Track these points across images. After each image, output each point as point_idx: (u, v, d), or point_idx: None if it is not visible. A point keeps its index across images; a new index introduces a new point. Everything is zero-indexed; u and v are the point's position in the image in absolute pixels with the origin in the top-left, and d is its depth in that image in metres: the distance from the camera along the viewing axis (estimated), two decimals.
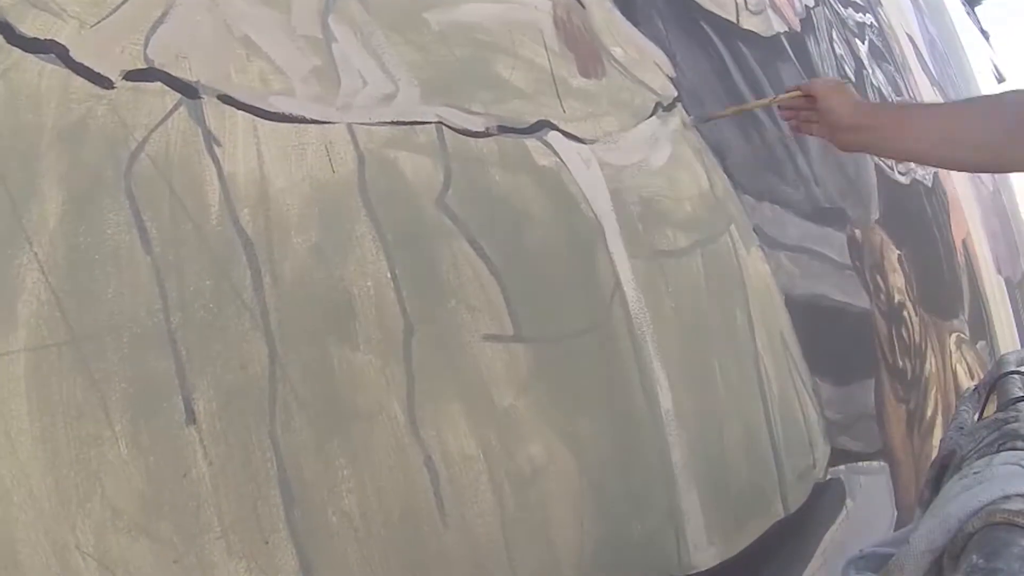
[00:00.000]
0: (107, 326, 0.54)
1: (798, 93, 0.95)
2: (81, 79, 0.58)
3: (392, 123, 0.74)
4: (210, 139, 0.63)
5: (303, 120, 0.68)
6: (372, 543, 0.62)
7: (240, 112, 0.66)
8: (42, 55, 0.56)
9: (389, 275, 0.67)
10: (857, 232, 1.45)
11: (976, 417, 0.81)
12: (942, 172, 2.13)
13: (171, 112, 0.62)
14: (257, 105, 0.66)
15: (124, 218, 0.57)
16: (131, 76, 0.61)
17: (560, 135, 0.89)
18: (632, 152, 0.98)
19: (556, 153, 0.88)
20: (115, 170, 0.57)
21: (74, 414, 0.51)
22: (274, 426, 0.59)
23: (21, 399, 0.50)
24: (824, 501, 1.08)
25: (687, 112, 1.11)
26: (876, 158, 1.72)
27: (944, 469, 0.69)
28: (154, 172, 0.59)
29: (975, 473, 0.54)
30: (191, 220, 0.60)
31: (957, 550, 0.49)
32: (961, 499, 0.51)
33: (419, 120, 0.76)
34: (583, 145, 0.91)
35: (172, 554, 0.53)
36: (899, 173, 1.83)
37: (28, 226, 0.53)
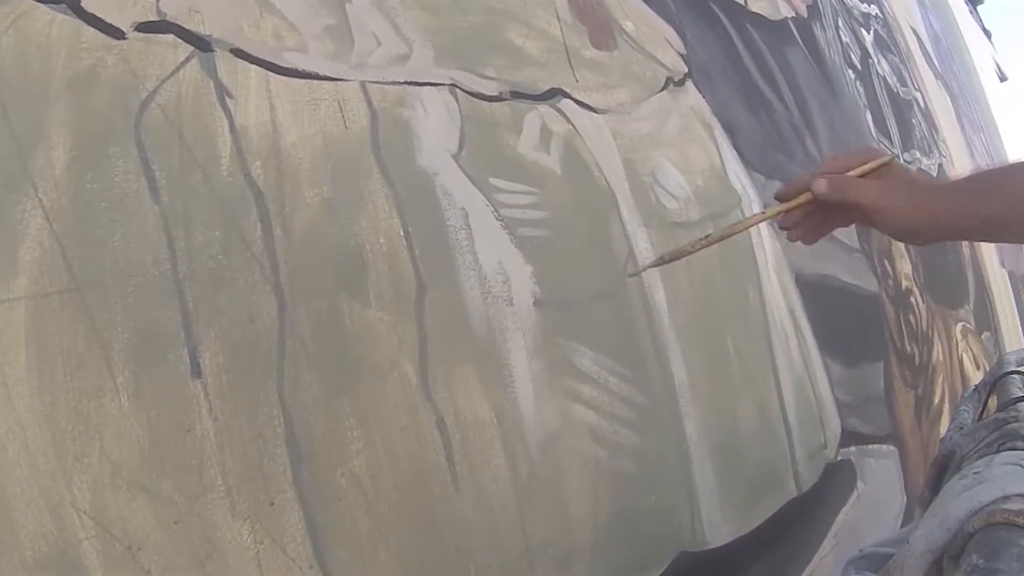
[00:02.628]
0: (112, 275, 0.52)
1: (807, 198, 0.59)
2: (92, 29, 0.57)
3: (405, 83, 0.73)
4: (222, 91, 0.62)
5: (316, 76, 0.67)
6: (382, 506, 0.60)
7: (253, 66, 0.64)
8: (53, 4, 0.54)
9: (402, 232, 0.66)
10: None
11: (976, 417, 0.80)
12: (946, 163, 2.13)
13: (183, 64, 0.61)
14: (270, 60, 0.65)
15: (133, 166, 0.55)
16: (143, 28, 0.59)
17: (573, 103, 0.88)
18: (644, 124, 0.97)
19: (569, 120, 0.86)
20: (124, 119, 0.56)
21: (74, 364, 0.49)
22: (282, 382, 0.57)
23: (20, 348, 0.48)
24: (836, 482, 1.07)
25: (698, 89, 1.10)
26: (884, 144, 1.72)
27: (944, 469, 0.69)
28: (164, 122, 0.58)
29: (975, 473, 0.54)
30: (201, 171, 0.58)
31: (957, 550, 0.49)
32: (961, 499, 0.51)
33: (432, 82, 0.75)
34: (596, 114, 0.90)
35: (173, 513, 0.51)
36: (905, 161, 1.84)
37: (34, 172, 0.52)
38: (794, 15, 1.51)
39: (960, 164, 2.34)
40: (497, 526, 0.66)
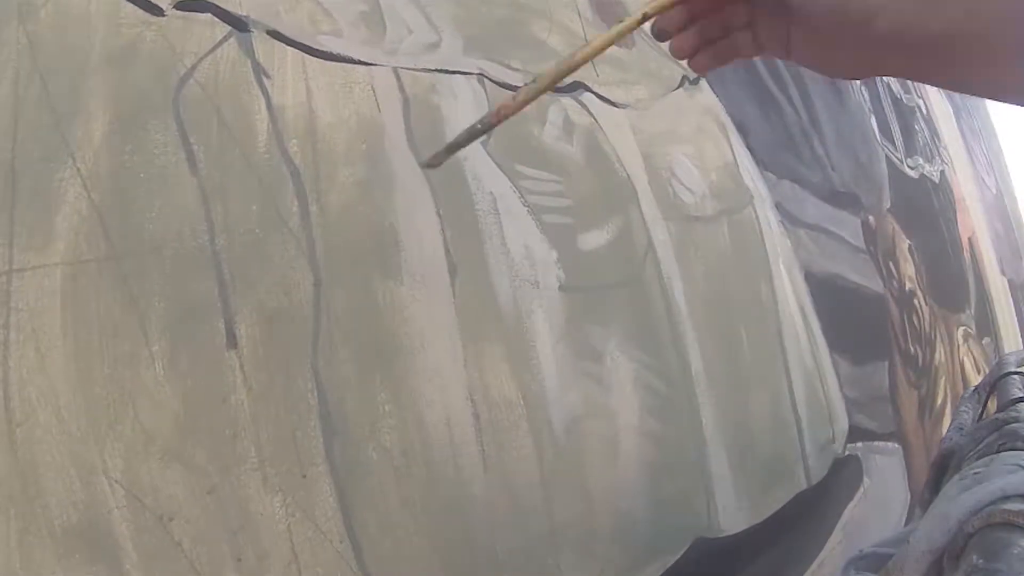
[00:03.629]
0: (149, 244, 0.53)
1: None
2: (132, 5, 0.58)
3: (436, 70, 0.74)
4: (259, 71, 0.63)
5: (351, 60, 0.68)
6: (412, 482, 0.61)
7: (289, 48, 0.65)
8: None
9: (436, 214, 0.67)
10: (871, 218, 1.47)
11: (976, 417, 0.81)
12: (948, 171, 2.17)
13: (221, 42, 0.62)
14: (306, 43, 0.66)
15: (171, 139, 0.56)
16: (181, 6, 0.60)
17: (594, 97, 0.90)
18: (661, 120, 0.98)
19: (591, 113, 0.88)
20: (163, 94, 0.57)
21: (110, 332, 0.50)
22: (316, 356, 0.58)
23: (55, 314, 0.48)
24: (843, 476, 1.08)
25: (712, 89, 1.12)
26: (888, 149, 1.75)
27: (944, 469, 0.70)
28: (203, 97, 0.59)
29: (975, 474, 0.55)
30: (239, 146, 0.59)
31: (957, 550, 0.49)
32: (961, 499, 0.51)
33: (462, 70, 0.77)
34: (616, 109, 0.92)
35: (206, 484, 0.51)
36: (908, 167, 1.87)
37: (72, 142, 0.52)
38: None
39: (962, 172, 2.38)
40: (522, 506, 0.66)
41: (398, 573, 0.57)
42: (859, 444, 1.14)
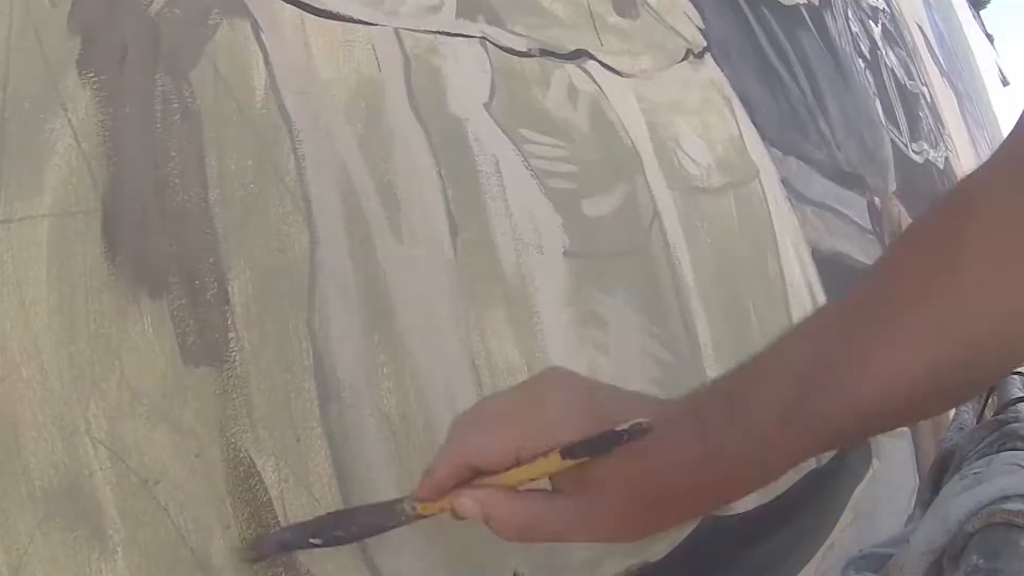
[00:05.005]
0: (140, 197, 0.51)
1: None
2: None
3: (437, 32, 0.73)
4: (257, 27, 0.61)
5: (351, 19, 0.67)
6: (411, 448, 0.59)
7: (288, 5, 0.64)
8: None
9: (436, 173, 0.65)
10: (876, 200, 1.46)
11: (976, 417, 0.80)
12: (952, 158, 2.16)
13: None
14: (304, 1, 0.65)
15: (166, 91, 0.54)
16: None
17: (598, 65, 0.88)
18: (666, 91, 0.97)
19: (595, 81, 0.87)
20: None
21: (97, 286, 0.47)
22: (312, 314, 0.56)
23: (40, 266, 0.46)
24: (852, 456, 1.06)
25: (717, 63, 1.11)
26: (893, 133, 1.74)
27: (944, 469, 0.69)
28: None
29: (975, 474, 0.54)
30: (235, 100, 0.58)
31: (957, 550, 0.48)
32: (961, 499, 0.51)
33: (464, 33, 0.75)
34: (620, 78, 0.90)
35: (194, 446, 0.49)
36: (913, 152, 1.85)
37: (64, 92, 0.51)
38: (806, 2, 1.53)
39: (966, 160, 2.37)
40: None
41: (396, 543, 0.55)
42: None
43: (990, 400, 0.83)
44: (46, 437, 0.44)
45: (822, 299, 1.11)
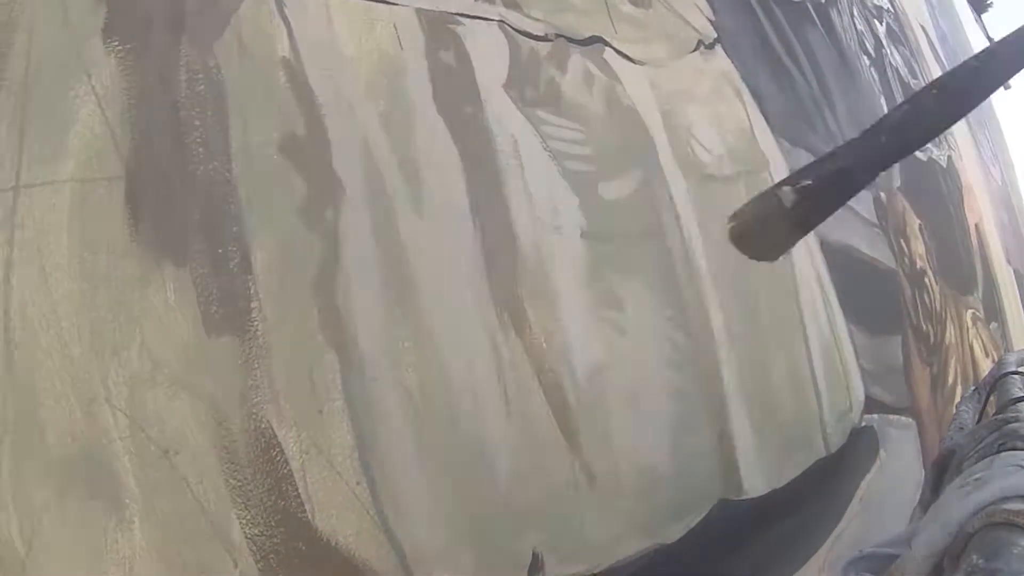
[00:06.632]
0: (164, 164, 0.51)
1: None
2: None
3: (457, 14, 0.73)
4: (280, 1, 0.61)
5: None
6: (431, 424, 0.58)
7: None
8: None
9: (456, 152, 0.65)
10: (882, 195, 1.46)
11: (977, 417, 0.81)
12: (955, 156, 2.17)
13: None
14: None
15: (191, 63, 0.54)
16: None
17: (613, 52, 0.88)
18: (679, 79, 0.97)
19: (610, 67, 0.87)
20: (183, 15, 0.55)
21: (119, 253, 0.47)
22: (335, 288, 0.56)
23: (62, 232, 0.45)
24: (860, 446, 1.07)
25: (727, 55, 1.11)
26: None
27: (944, 469, 0.69)
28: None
29: (976, 479, 0.54)
30: (259, 73, 0.57)
31: (957, 550, 0.48)
32: (962, 504, 0.50)
33: (483, 16, 0.75)
34: (635, 65, 0.91)
35: (215, 415, 0.48)
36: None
37: (87, 60, 0.50)
38: None
39: (968, 159, 2.39)
40: (545, 456, 0.64)
41: (415, 517, 0.55)
42: (875, 416, 1.13)
43: (990, 399, 0.83)
44: (64, 405, 0.43)
45: (831, 290, 1.11)
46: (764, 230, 0.53)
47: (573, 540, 0.64)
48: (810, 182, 0.51)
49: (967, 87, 0.58)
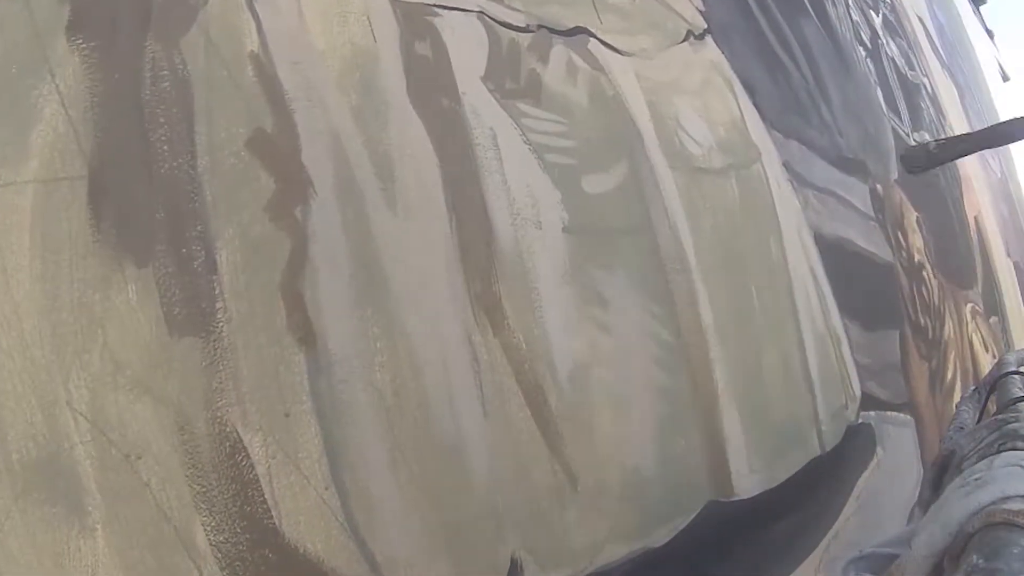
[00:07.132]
0: (127, 163, 0.49)
1: None
2: None
3: (434, 5, 0.71)
4: None
5: None
6: (405, 424, 0.57)
7: None
8: None
9: (431, 146, 0.63)
10: (879, 187, 1.44)
11: (977, 417, 0.80)
12: None
13: None
14: None
15: (157, 58, 0.52)
16: None
17: (598, 43, 0.86)
18: (666, 71, 0.95)
19: (595, 58, 0.85)
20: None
21: (81, 253, 0.46)
22: (303, 286, 0.54)
23: (23, 232, 0.44)
24: (857, 444, 1.05)
25: (718, 45, 1.09)
26: (894, 121, 1.72)
27: (944, 469, 0.68)
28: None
29: (975, 479, 0.53)
30: (227, 68, 0.56)
31: (957, 550, 0.48)
32: (962, 504, 0.50)
33: (461, 7, 0.73)
34: (620, 56, 0.89)
35: (178, 419, 0.47)
36: (914, 140, 1.84)
37: (52, 58, 0.49)
38: None
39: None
40: (525, 457, 0.63)
41: (387, 524, 0.53)
42: (872, 413, 1.11)
43: (990, 399, 0.82)
44: (25, 408, 0.42)
45: (825, 284, 1.09)
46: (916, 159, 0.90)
47: (554, 545, 0.62)
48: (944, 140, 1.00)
49: None
